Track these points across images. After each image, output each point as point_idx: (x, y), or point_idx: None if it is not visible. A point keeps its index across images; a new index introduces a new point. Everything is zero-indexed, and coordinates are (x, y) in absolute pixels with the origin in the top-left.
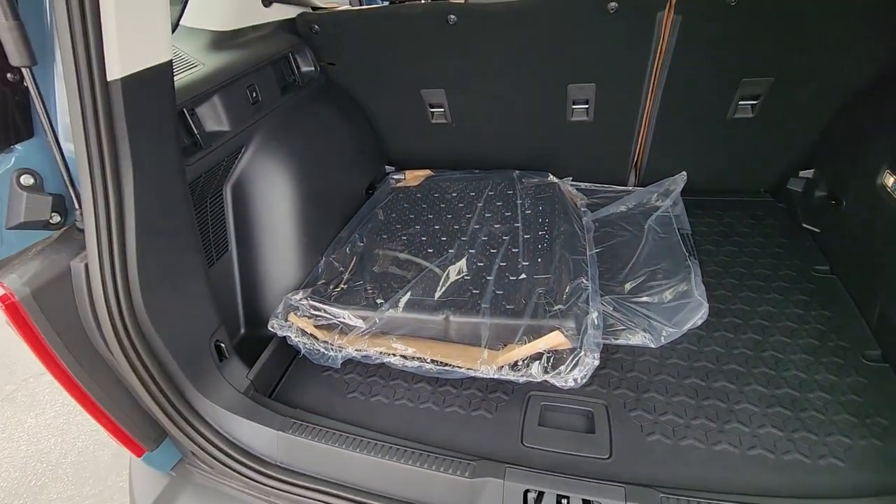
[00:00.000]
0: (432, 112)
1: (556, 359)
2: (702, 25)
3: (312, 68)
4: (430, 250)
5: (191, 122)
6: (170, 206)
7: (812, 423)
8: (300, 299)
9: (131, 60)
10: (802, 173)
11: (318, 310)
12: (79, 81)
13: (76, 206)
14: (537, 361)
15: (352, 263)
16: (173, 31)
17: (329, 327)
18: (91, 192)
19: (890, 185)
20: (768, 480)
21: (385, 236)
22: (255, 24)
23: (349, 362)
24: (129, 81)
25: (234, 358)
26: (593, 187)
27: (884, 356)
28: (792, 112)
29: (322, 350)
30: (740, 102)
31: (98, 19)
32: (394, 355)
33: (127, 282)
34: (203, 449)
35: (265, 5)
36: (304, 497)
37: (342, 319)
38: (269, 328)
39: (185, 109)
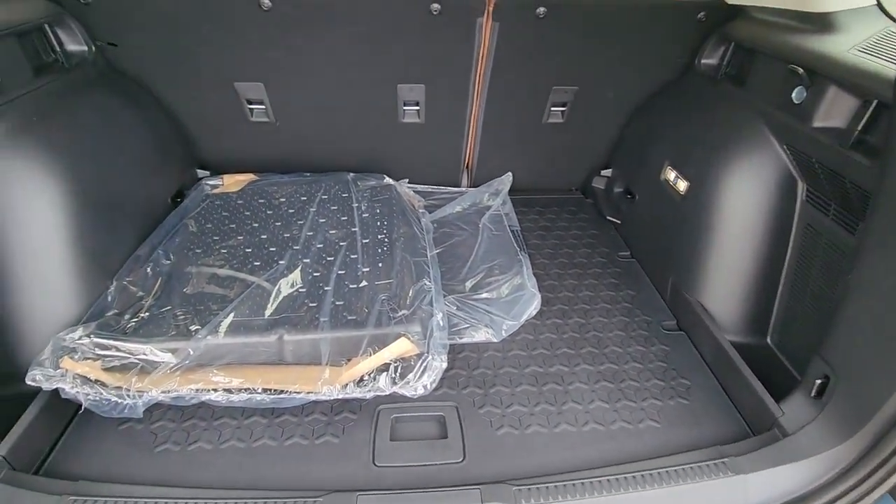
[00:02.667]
0: (251, 109)
1: (403, 367)
2: (517, 34)
3: (84, 48)
4: (257, 263)
5: None
6: None
7: (630, 392)
8: (79, 338)
9: None
10: (603, 172)
11: (108, 348)
12: None
13: None
14: (384, 373)
15: (155, 286)
16: None
17: (124, 369)
18: None
19: (671, 180)
20: (601, 451)
21: (199, 251)
22: None
23: (157, 408)
24: None
25: None
26: (429, 189)
27: (678, 325)
28: (593, 118)
29: (114, 399)
30: (552, 109)
31: None
32: (215, 390)
33: None
34: None
35: None
36: None
37: (143, 356)
38: (30, 382)
39: None
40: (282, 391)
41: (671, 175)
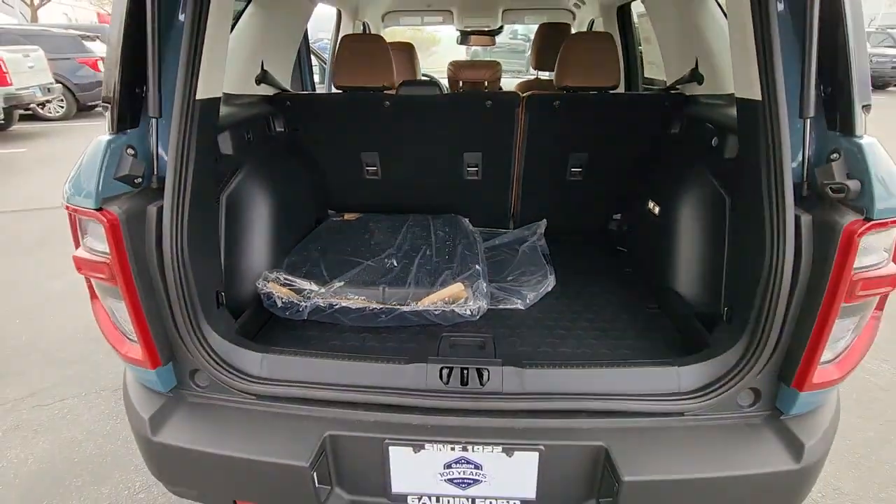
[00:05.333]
0: (367, 169)
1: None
2: (541, 119)
3: (284, 130)
4: (368, 255)
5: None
6: (206, 188)
7: (614, 334)
8: (276, 274)
9: (207, 89)
10: (615, 216)
11: (291, 280)
12: (184, 96)
13: (153, 173)
14: (444, 302)
15: (309, 260)
16: None
17: (297, 291)
18: (174, 167)
19: (651, 208)
20: (589, 357)
21: (331, 246)
22: (249, 93)
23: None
24: (206, 103)
25: (225, 309)
26: (482, 230)
27: (659, 307)
28: (602, 177)
29: (294, 301)
30: (572, 169)
31: (200, 57)
32: (348, 299)
33: (181, 228)
34: (208, 363)
35: (256, 83)
36: (284, 397)
37: (306, 286)
38: (257, 284)
39: None
40: (384, 305)
41: (651, 205)
